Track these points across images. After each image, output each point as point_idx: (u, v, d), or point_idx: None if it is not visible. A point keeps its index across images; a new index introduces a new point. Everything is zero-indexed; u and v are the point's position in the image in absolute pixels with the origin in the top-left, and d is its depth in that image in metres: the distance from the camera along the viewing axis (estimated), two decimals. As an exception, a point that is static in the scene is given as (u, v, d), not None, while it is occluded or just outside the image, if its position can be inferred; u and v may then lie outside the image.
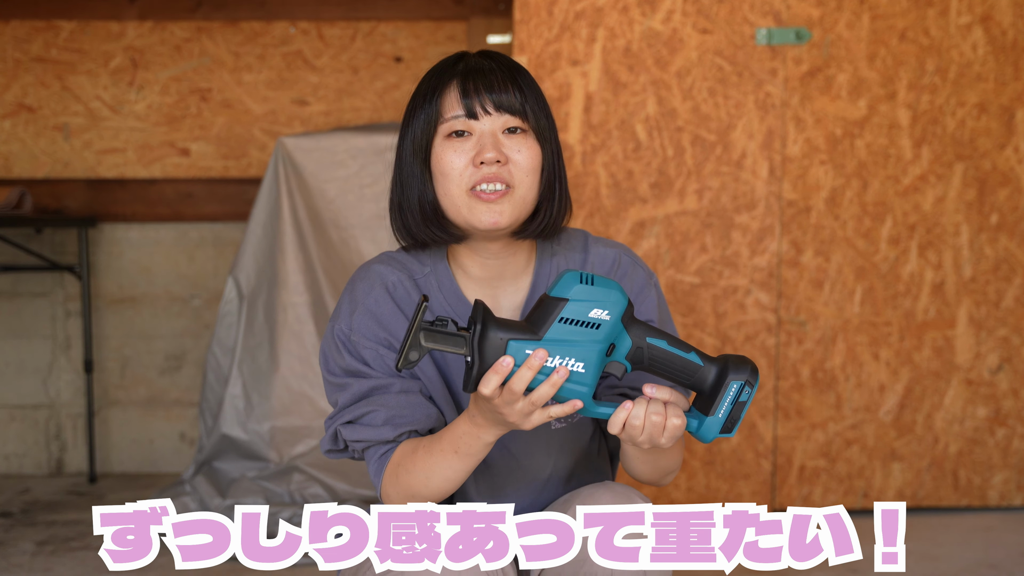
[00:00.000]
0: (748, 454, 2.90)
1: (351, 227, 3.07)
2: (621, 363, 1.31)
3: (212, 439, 3.01)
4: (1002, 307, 2.93)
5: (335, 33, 3.55)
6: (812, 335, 2.90)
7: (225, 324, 3.08)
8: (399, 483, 1.42)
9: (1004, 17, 2.86)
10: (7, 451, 3.53)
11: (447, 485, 1.40)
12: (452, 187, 1.43)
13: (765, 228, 2.85)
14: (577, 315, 1.26)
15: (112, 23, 3.50)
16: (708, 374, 1.32)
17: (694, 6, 2.79)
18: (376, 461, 1.45)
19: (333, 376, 1.48)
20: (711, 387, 1.32)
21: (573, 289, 1.26)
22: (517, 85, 1.44)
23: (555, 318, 1.26)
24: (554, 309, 1.26)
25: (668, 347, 1.32)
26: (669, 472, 1.51)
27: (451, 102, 1.43)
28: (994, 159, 2.89)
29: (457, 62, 1.46)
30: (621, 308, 1.28)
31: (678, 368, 1.32)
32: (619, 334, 1.29)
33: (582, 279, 1.27)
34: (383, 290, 1.48)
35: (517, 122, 1.43)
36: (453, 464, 1.38)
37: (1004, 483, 2.98)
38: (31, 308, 3.51)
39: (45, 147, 3.53)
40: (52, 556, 2.68)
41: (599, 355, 1.27)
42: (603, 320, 1.26)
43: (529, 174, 1.44)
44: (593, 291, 1.27)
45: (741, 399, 1.31)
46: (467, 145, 1.43)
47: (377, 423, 1.44)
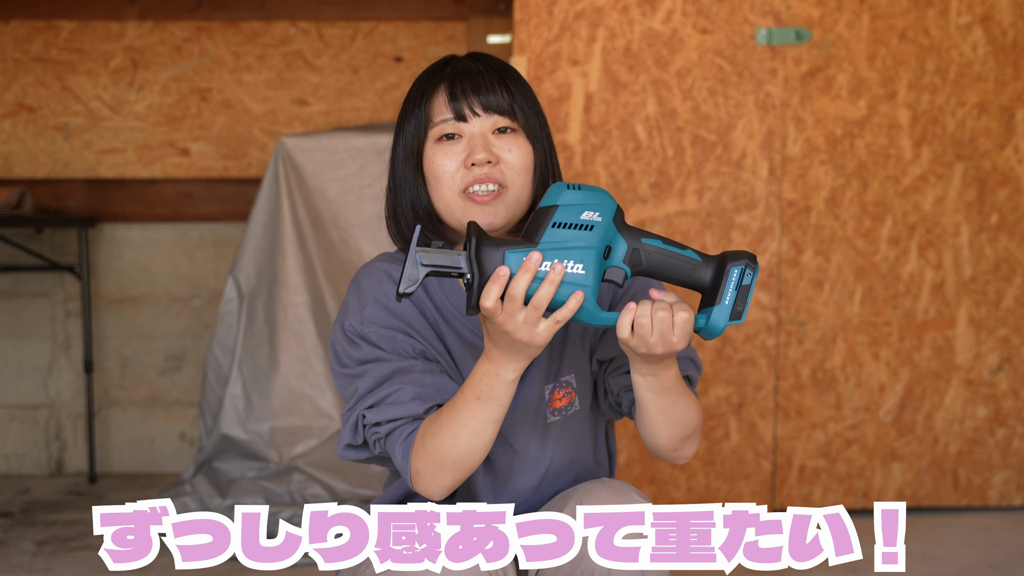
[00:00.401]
0: (748, 454, 2.90)
1: (351, 227, 3.07)
2: (620, 268, 1.31)
3: (212, 439, 3.01)
4: (1002, 307, 2.93)
5: (335, 33, 3.55)
6: (812, 335, 2.90)
7: (225, 324, 3.08)
8: (427, 452, 1.38)
9: (1004, 17, 2.86)
10: (7, 451, 3.53)
11: (477, 441, 1.36)
12: (445, 190, 1.43)
13: (765, 228, 2.85)
14: (569, 218, 1.27)
15: (112, 23, 3.50)
16: (708, 268, 1.33)
17: (694, 6, 2.79)
18: (403, 443, 1.41)
19: (347, 368, 1.45)
20: (712, 279, 1.32)
21: (562, 195, 1.28)
22: (504, 85, 1.44)
23: (548, 224, 1.27)
24: (546, 216, 1.27)
25: (664, 245, 1.32)
26: (688, 434, 1.47)
27: (439, 106, 1.44)
28: (994, 159, 2.90)
29: (445, 66, 1.47)
30: (612, 209, 1.29)
31: (678, 266, 1.33)
32: (613, 236, 1.30)
33: (569, 187, 1.29)
34: (390, 283, 1.48)
35: (506, 122, 1.44)
36: (478, 413, 1.35)
37: (1004, 483, 2.98)
38: (31, 308, 3.51)
39: (45, 147, 3.53)
40: (52, 556, 2.68)
41: (596, 256, 1.28)
42: (595, 221, 1.28)
43: (521, 173, 1.44)
44: (582, 195, 1.28)
45: (744, 283, 1.31)
46: (458, 148, 1.43)
47: (405, 400, 1.40)
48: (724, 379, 2.88)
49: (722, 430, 2.89)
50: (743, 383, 2.88)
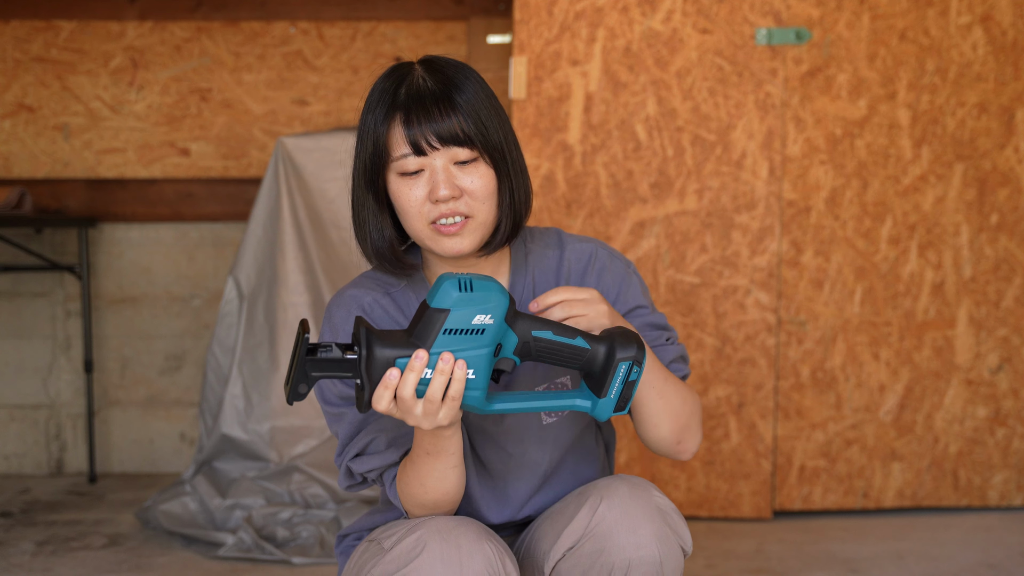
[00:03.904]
0: (748, 454, 2.90)
1: (351, 227, 3.07)
2: (510, 359, 1.33)
3: (212, 439, 3.01)
4: (1002, 307, 2.93)
5: (335, 33, 3.55)
6: (812, 335, 2.90)
7: (225, 324, 3.08)
8: (406, 497, 1.44)
9: (1004, 17, 2.86)
10: (7, 451, 3.53)
11: (444, 484, 1.41)
12: (414, 223, 1.45)
13: (765, 228, 2.85)
14: (460, 324, 1.26)
15: (112, 23, 3.50)
16: (597, 355, 1.34)
17: (694, 6, 2.79)
18: (391, 485, 1.47)
19: (330, 406, 1.50)
20: (601, 368, 1.34)
21: (453, 298, 1.26)
22: (456, 108, 1.41)
23: (439, 330, 1.26)
24: (437, 321, 1.26)
25: (554, 336, 1.33)
26: (684, 424, 1.50)
27: (397, 140, 1.42)
28: (994, 159, 2.90)
29: (399, 86, 1.43)
30: (503, 308, 1.28)
31: (566, 355, 1.34)
32: (504, 333, 1.30)
33: (460, 286, 1.27)
34: (360, 312, 1.50)
35: (466, 153, 1.42)
36: (435, 465, 1.39)
37: (1004, 483, 2.98)
38: (31, 308, 3.51)
39: (45, 147, 3.53)
40: (52, 556, 2.68)
41: (487, 359, 1.29)
42: (487, 324, 1.27)
43: (486, 201, 1.44)
44: (473, 297, 1.27)
45: (631, 379, 1.33)
46: (421, 181, 1.43)
47: (381, 449, 1.46)
48: (724, 379, 2.88)
49: (722, 430, 2.89)
50: (743, 383, 2.88)
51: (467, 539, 1.35)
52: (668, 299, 2.85)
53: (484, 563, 1.34)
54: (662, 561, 1.38)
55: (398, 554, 1.36)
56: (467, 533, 1.36)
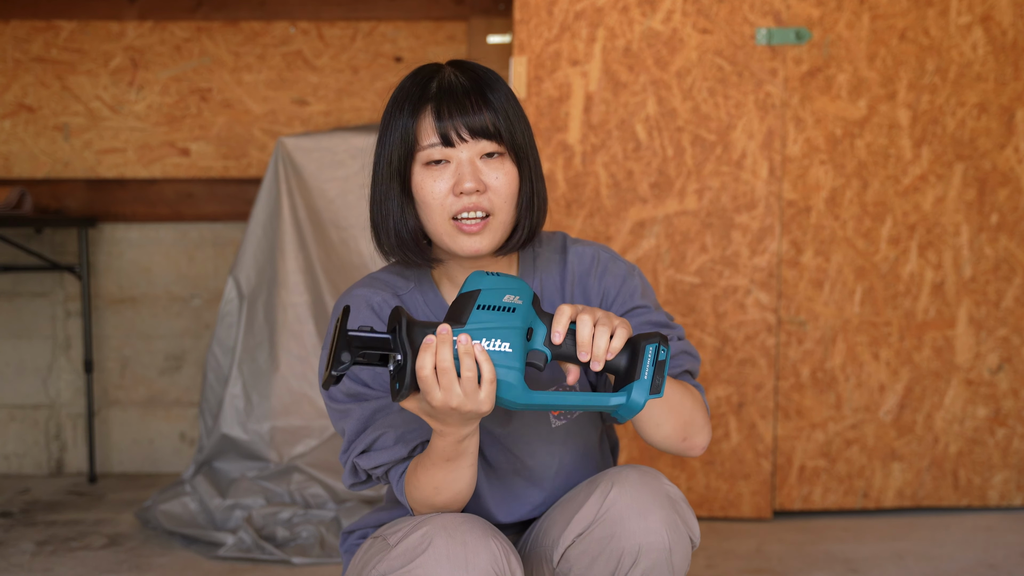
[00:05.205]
0: (748, 454, 2.90)
1: (351, 227, 3.07)
2: (541, 351, 1.34)
3: (212, 439, 3.01)
4: (1002, 307, 2.93)
5: (335, 33, 3.55)
6: (812, 335, 2.90)
7: (225, 324, 3.08)
8: (416, 497, 1.44)
9: (1004, 17, 2.86)
10: (7, 451, 3.53)
11: (458, 485, 1.40)
12: (435, 216, 1.45)
13: (765, 228, 2.85)
14: (492, 301, 1.31)
15: (112, 23, 3.50)
16: (624, 351, 1.35)
17: (694, 6, 2.79)
18: (398, 482, 1.46)
19: (336, 403, 1.49)
20: (628, 361, 1.35)
21: (483, 280, 1.33)
22: (489, 104, 1.44)
23: (472, 306, 1.31)
24: (470, 300, 1.31)
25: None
26: (687, 421, 1.49)
27: (426, 129, 1.44)
28: (994, 159, 2.90)
29: (430, 80, 1.46)
30: (530, 295, 1.34)
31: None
32: (534, 319, 1.33)
33: (488, 274, 1.34)
34: (369, 311, 1.49)
35: (493, 147, 1.44)
36: (450, 470, 1.39)
37: (1004, 483, 2.98)
38: (31, 308, 3.51)
39: (45, 147, 3.53)
40: (52, 556, 2.68)
41: (520, 336, 1.31)
42: (517, 304, 1.32)
43: (508, 200, 1.45)
44: (501, 280, 1.33)
45: (660, 359, 1.34)
46: (447, 173, 1.44)
47: (389, 444, 1.45)
48: (724, 379, 2.88)
49: (722, 430, 2.89)
50: (743, 383, 2.88)
51: (473, 536, 1.35)
52: (668, 299, 2.85)
53: (489, 560, 1.34)
54: (671, 548, 1.38)
55: (403, 550, 1.36)
56: (473, 530, 1.36)
